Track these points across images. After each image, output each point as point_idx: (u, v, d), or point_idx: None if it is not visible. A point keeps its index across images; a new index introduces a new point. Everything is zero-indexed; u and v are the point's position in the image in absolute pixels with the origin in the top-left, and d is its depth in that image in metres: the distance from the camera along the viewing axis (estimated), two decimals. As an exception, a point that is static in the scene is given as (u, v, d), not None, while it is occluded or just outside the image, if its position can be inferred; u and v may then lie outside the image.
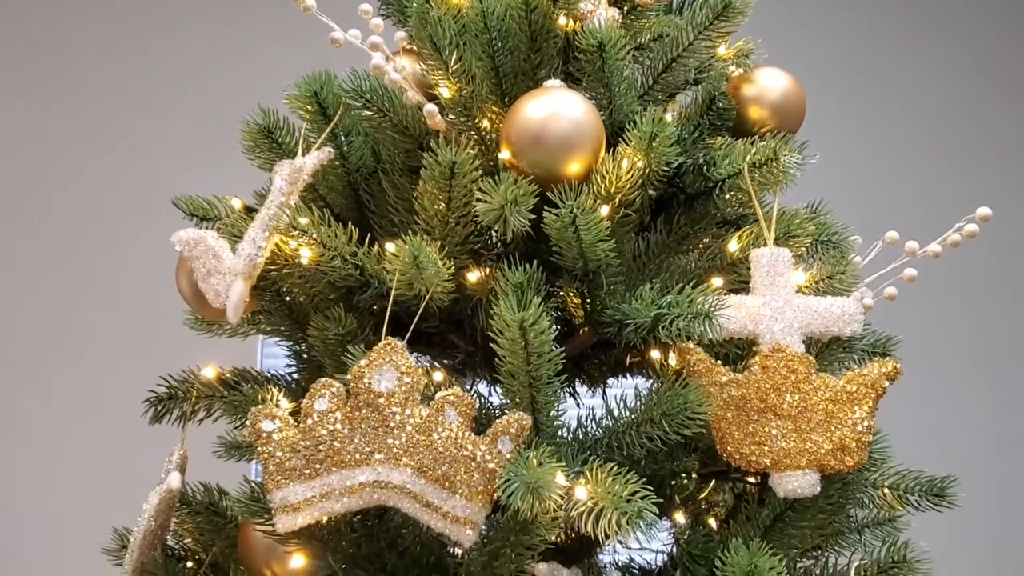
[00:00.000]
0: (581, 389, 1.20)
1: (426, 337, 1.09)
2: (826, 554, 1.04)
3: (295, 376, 1.17)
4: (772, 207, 1.00)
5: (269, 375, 1.17)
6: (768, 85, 1.18)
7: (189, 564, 1.11)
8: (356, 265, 0.98)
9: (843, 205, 1.22)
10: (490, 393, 1.12)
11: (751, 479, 1.04)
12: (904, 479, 1.10)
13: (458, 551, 0.93)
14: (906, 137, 2.72)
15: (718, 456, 0.99)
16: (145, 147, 2.39)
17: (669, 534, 1.01)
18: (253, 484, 0.95)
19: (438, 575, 0.92)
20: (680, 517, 1.00)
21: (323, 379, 0.90)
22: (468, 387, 1.02)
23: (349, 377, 0.89)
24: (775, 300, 0.94)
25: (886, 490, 1.10)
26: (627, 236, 1.03)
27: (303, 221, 0.96)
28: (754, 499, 0.98)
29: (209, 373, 1.13)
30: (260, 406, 0.90)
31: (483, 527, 0.86)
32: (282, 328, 1.19)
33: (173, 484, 1.03)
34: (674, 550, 0.96)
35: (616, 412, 0.93)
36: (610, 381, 1.17)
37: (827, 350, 1.09)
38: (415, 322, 0.93)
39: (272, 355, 1.27)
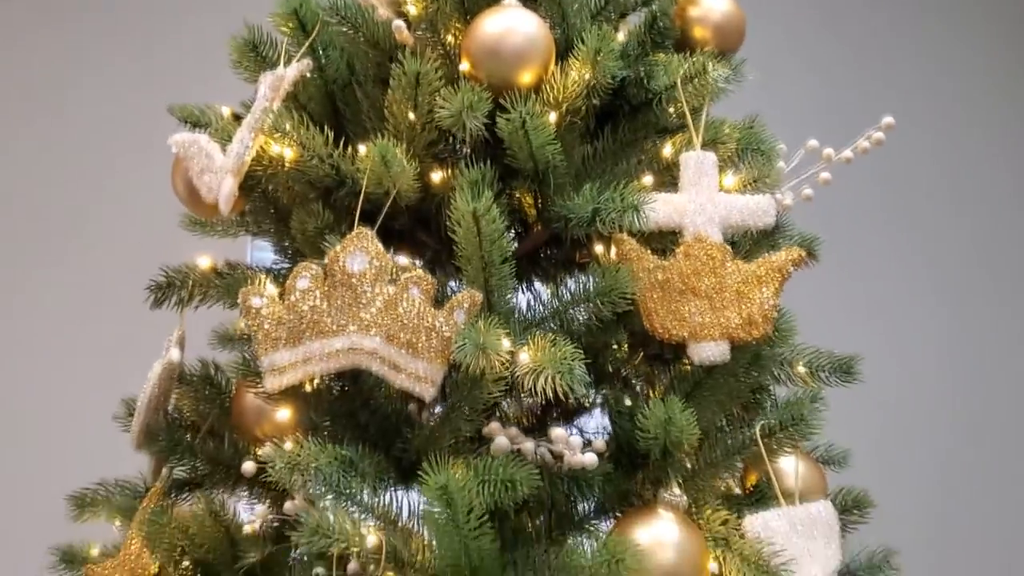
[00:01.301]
0: (539, 286, 1.34)
1: (397, 236, 1.22)
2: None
3: (280, 270, 1.31)
4: (701, 117, 1.13)
5: (257, 268, 1.30)
6: (711, 7, 1.30)
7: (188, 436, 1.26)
8: (332, 165, 1.11)
9: (784, 120, 1.35)
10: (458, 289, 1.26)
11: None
12: (818, 358, 1.26)
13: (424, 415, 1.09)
14: (844, 63, 2.85)
15: (648, 338, 1.15)
16: (142, 63, 2.48)
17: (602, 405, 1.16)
18: (245, 353, 1.09)
19: (405, 427, 1.07)
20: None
21: (304, 262, 1.04)
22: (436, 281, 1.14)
23: (326, 260, 1.03)
24: (699, 196, 1.08)
25: (800, 368, 1.26)
26: (575, 142, 1.16)
27: (286, 125, 1.09)
28: (677, 370, 1.14)
29: (204, 263, 1.26)
30: (250, 286, 1.04)
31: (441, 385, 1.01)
32: (268, 226, 1.32)
33: (174, 357, 1.17)
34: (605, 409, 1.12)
35: (560, 293, 1.07)
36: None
37: (756, 246, 1.23)
38: (383, 214, 1.06)
39: (260, 260, 1.40)
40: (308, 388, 1.11)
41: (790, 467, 1.14)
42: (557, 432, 1.02)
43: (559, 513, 1.06)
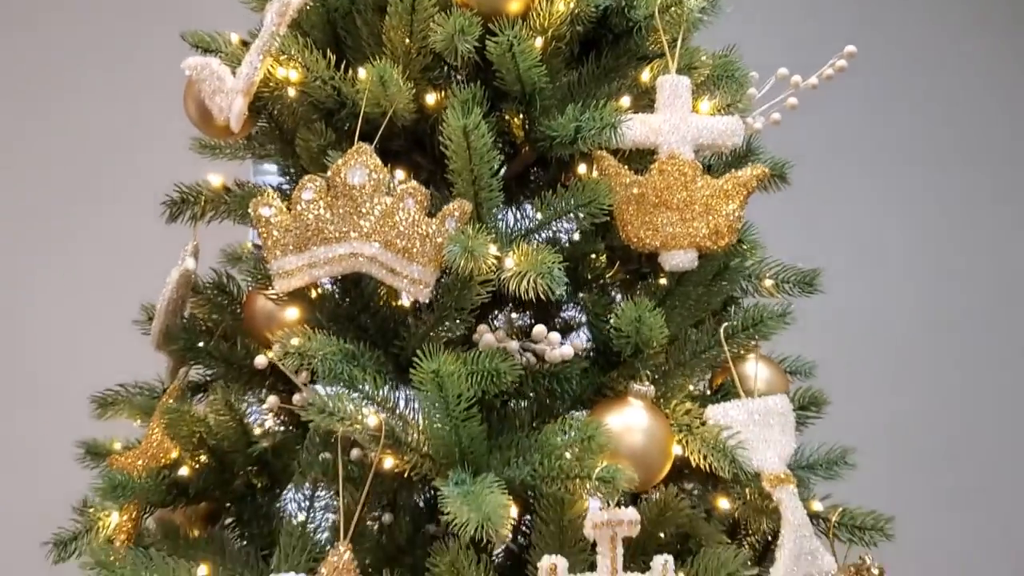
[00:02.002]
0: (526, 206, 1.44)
1: (394, 156, 1.31)
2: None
3: (285, 191, 1.40)
4: (677, 44, 1.21)
5: (265, 184, 1.39)
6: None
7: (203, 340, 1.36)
8: (334, 87, 1.19)
9: (760, 51, 1.43)
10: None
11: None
12: (783, 271, 1.36)
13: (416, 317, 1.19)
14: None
15: (627, 253, 1.25)
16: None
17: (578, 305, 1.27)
18: (255, 255, 1.19)
19: (402, 328, 1.18)
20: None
21: (308, 175, 1.13)
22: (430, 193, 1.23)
23: (329, 174, 1.12)
24: (673, 117, 1.17)
25: (768, 281, 1.36)
26: (560, 67, 1.25)
27: (291, 49, 1.17)
28: (651, 280, 1.24)
29: (215, 181, 1.36)
30: (259, 197, 1.14)
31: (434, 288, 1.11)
32: (273, 148, 1.41)
33: (190, 265, 1.27)
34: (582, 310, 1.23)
35: (543, 206, 1.17)
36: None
37: (729, 170, 1.32)
38: (380, 132, 1.15)
39: (264, 183, 1.50)
40: (313, 293, 1.22)
41: (754, 371, 1.25)
42: (538, 329, 1.12)
43: (540, 405, 1.17)
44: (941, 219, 2.89)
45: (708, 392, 1.30)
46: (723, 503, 1.22)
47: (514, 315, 1.36)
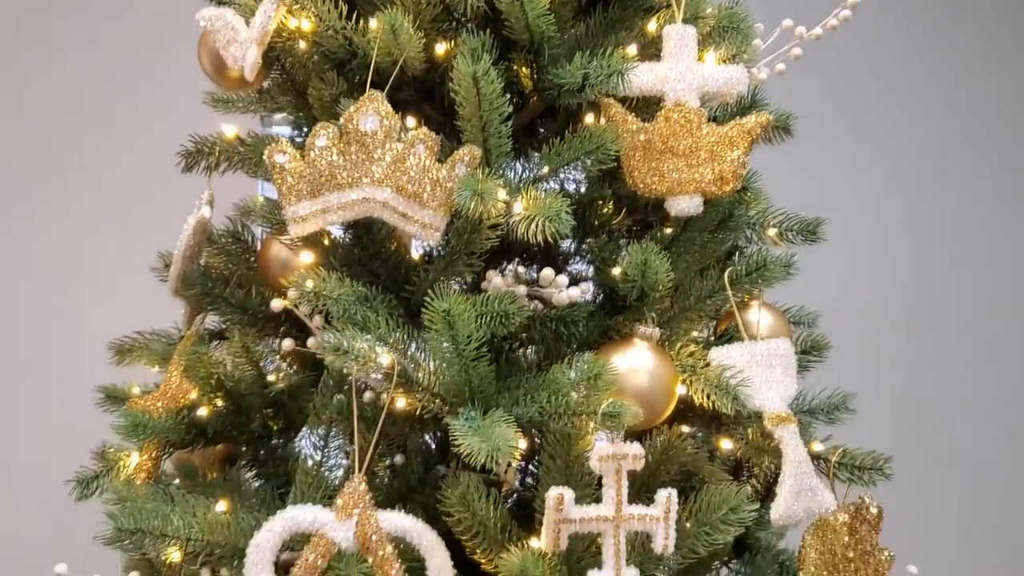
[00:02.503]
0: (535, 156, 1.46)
1: (404, 107, 1.33)
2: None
3: (298, 143, 1.43)
4: (684, -6, 1.23)
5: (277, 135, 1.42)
6: None
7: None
8: (345, 37, 1.21)
9: (768, 2, 1.45)
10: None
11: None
12: (787, 220, 1.38)
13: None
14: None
15: (634, 202, 1.28)
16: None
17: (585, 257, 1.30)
18: (269, 200, 1.22)
19: (413, 275, 1.20)
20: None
21: (321, 122, 1.16)
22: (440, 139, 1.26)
23: (342, 121, 1.14)
24: (679, 66, 1.19)
25: (771, 231, 1.38)
26: (568, 16, 1.26)
27: (303, -2, 1.19)
28: (658, 227, 1.26)
29: (229, 131, 1.38)
30: (274, 144, 1.16)
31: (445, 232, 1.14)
32: (286, 100, 1.43)
33: (206, 213, 1.30)
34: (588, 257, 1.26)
35: (551, 153, 1.19)
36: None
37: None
38: (391, 80, 1.17)
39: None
40: (326, 240, 1.25)
41: (757, 317, 1.28)
42: (546, 272, 1.15)
43: (548, 349, 1.20)
44: (945, 173, 2.88)
45: (712, 339, 1.33)
46: (726, 444, 1.25)
47: (521, 268, 1.39)
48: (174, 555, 1.11)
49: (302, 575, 1.03)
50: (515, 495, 1.34)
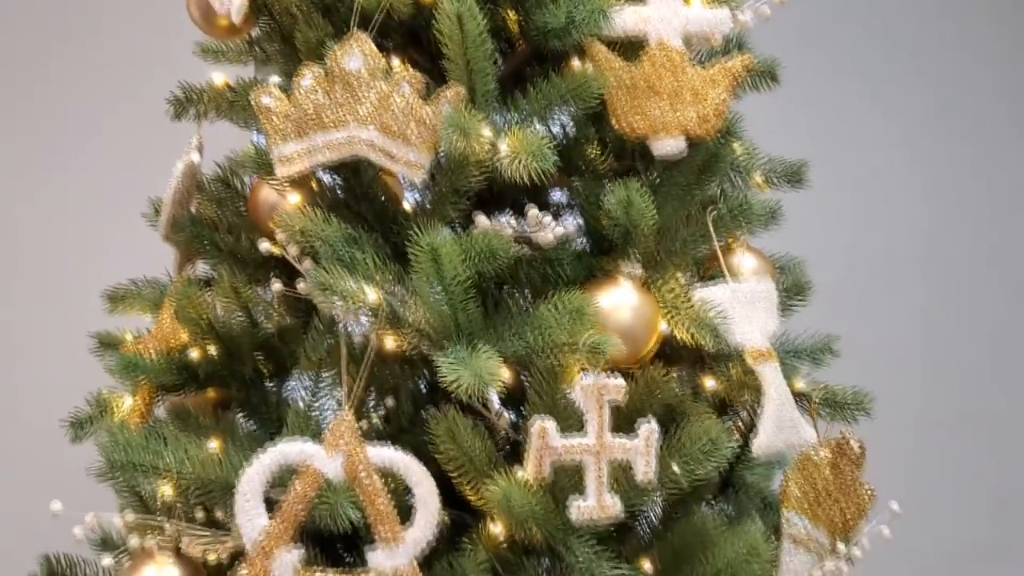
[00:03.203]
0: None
1: (390, 53, 1.34)
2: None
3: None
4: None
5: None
6: None
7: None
8: (331, -21, 1.22)
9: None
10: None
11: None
12: (771, 165, 1.39)
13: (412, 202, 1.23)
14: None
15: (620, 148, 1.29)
16: None
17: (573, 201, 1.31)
18: (258, 146, 1.23)
19: (400, 216, 1.22)
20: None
21: (306, 63, 1.16)
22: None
23: (327, 61, 1.15)
24: (663, 7, 1.20)
25: (757, 176, 1.39)
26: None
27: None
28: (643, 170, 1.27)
29: (218, 79, 1.39)
30: (260, 87, 1.17)
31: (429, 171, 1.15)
32: (273, 49, 1.44)
33: (195, 158, 1.31)
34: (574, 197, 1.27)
35: (536, 94, 1.20)
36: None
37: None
38: (377, 22, 1.18)
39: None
40: (313, 184, 1.26)
41: (741, 261, 1.29)
42: (532, 212, 1.16)
43: (534, 290, 1.21)
44: (935, 122, 2.85)
45: (697, 283, 1.34)
46: (709, 383, 1.27)
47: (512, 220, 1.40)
48: (166, 490, 1.13)
49: (291, 505, 1.05)
50: (508, 442, 1.36)
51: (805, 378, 1.29)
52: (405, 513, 1.08)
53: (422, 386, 1.35)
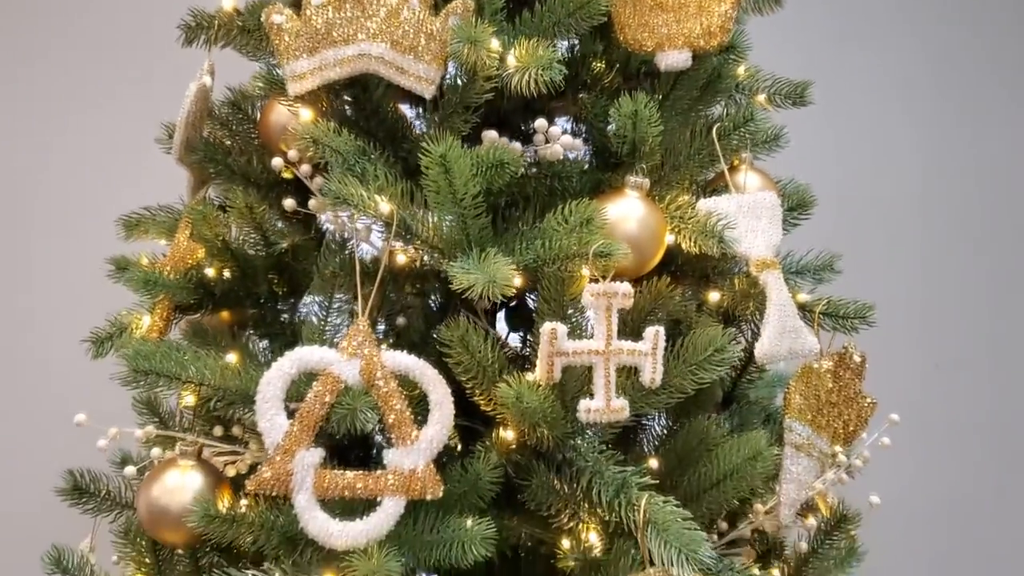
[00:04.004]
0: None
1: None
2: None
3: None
4: None
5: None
6: None
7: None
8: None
9: None
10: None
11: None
12: (776, 84, 1.41)
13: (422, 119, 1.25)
14: None
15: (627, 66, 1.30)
16: None
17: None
18: (270, 66, 1.25)
19: (410, 133, 1.24)
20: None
21: (317, -19, 1.18)
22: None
23: (337, -21, 1.17)
24: (668, -78, 1.21)
25: (761, 96, 1.41)
26: None
27: None
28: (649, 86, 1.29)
29: (227, 4, 1.40)
30: (272, 6, 1.19)
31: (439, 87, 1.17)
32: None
33: (207, 81, 1.33)
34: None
35: (542, 11, 1.21)
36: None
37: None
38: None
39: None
40: (324, 102, 1.28)
41: (745, 179, 1.31)
42: (540, 121, 1.18)
43: (543, 205, 1.24)
44: (944, 51, 2.83)
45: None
46: (714, 296, 1.30)
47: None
48: (187, 398, 1.17)
49: (310, 408, 1.08)
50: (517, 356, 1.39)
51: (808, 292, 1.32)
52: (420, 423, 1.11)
53: (432, 304, 1.38)
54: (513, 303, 1.45)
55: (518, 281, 1.07)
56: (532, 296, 1.43)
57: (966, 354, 2.70)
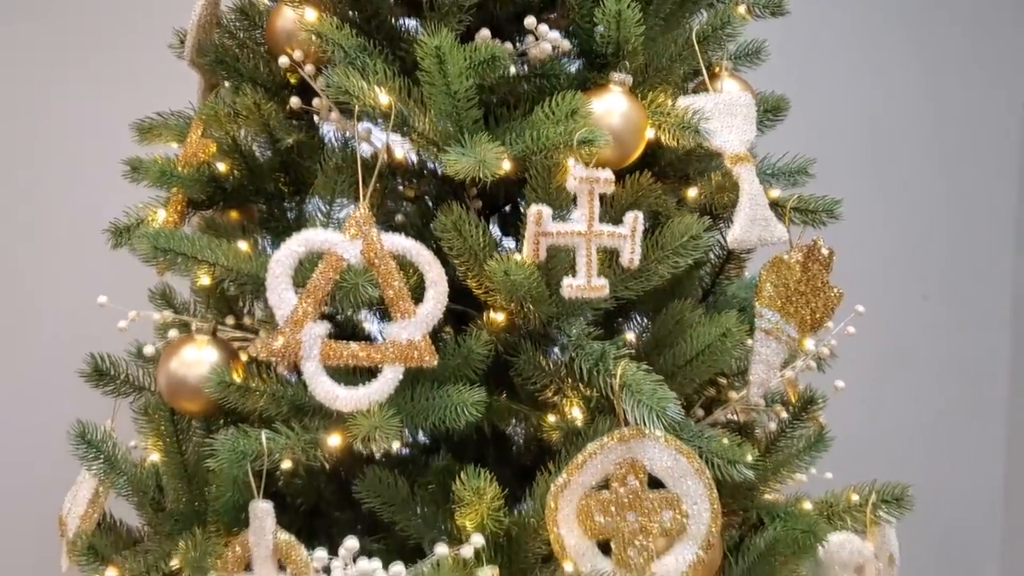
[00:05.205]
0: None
1: None
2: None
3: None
4: None
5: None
6: None
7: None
8: None
9: None
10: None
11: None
12: (754, -5, 1.48)
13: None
14: None
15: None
16: None
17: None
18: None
19: (408, 35, 1.32)
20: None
21: None
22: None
23: None
24: None
25: (740, 7, 1.48)
26: None
27: None
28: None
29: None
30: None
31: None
32: None
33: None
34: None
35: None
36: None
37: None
38: None
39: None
40: (327, 5, 1.35)
41: (724, 84, 1.39)
42: (529, 19, 1.26)
43: (532, 103, 1.32)
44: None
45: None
46: (692, 192, 1.39)
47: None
48: (203, 278, 1.26)
49: (316, 284, 1.18)
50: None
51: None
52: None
53: (429, 203, 1.47)
54: (507, 207, 1.54)
55: (507, 165, 1.16)
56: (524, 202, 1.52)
57: (954, 285, 2.77)
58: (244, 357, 1.36)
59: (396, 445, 1.18)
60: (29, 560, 1.41)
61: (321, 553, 1.16)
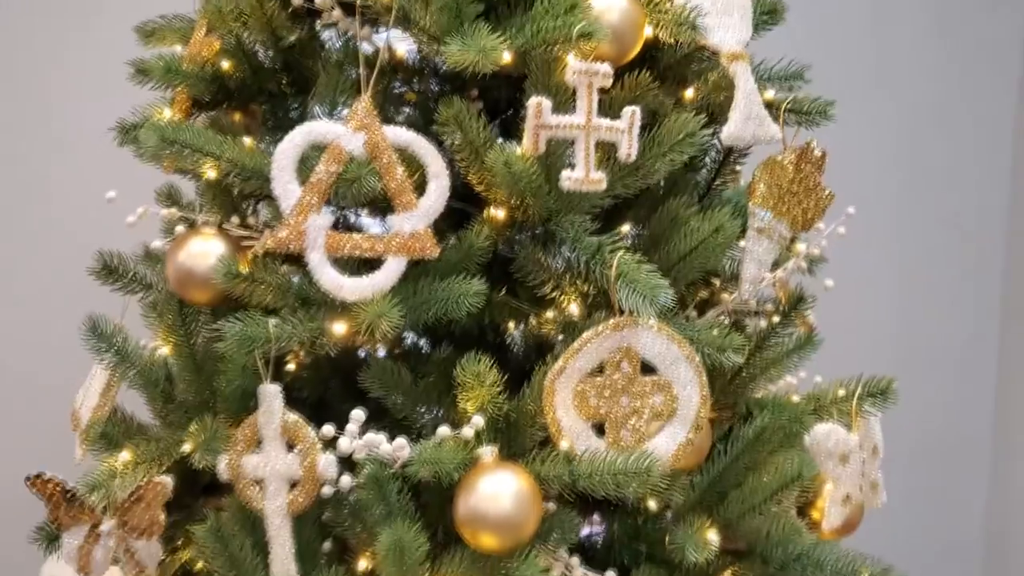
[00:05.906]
0: None
1: None
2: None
3: None
4: None
5: None
6: None
7: None
8: None
9: None
10: None
11: None
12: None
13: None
14: None
15: None
16: None
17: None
18: None
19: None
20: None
21: None
22: None
23: None
24: None
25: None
26: None
27: None
28: None
29: None
30: None
31: None
32: None
33: None
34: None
35: None
36: None
37: None
38: None
39: None
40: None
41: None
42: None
43: (531, 3, 1.33)
44: None
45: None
46: (689, 92, 1.41)
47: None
48: (209, 172, 1.29)
49: (320, 176, 1.21)
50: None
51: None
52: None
53: (429, 101, 1.49)
54: (509, 112, 1.56)
55: (507, 56, 1.18)
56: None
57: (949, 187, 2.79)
58: (250, 254, 1.40)
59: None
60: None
61: (329, 427, 1.21)
